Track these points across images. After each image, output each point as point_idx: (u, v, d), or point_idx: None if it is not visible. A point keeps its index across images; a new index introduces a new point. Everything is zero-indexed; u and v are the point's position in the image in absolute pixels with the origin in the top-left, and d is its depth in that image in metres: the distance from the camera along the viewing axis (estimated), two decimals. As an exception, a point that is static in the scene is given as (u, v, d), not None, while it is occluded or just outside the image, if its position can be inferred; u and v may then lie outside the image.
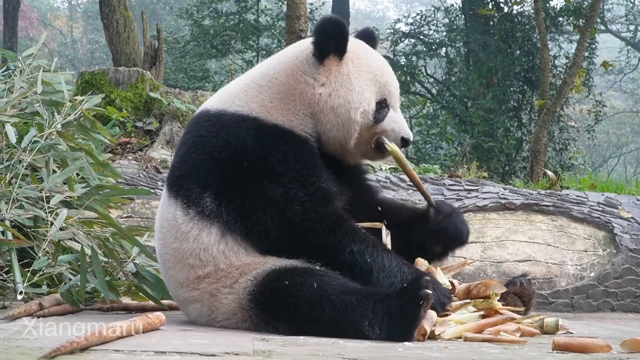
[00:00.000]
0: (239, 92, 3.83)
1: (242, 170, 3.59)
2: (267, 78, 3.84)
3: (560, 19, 21.15)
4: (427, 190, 4.06)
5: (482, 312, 3.63)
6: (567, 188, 7.85)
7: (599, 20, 23.06)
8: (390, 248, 3.66)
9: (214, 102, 3.90)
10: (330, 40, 3.76)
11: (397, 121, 3.87)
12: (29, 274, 4.06)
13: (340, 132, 3.76)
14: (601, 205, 6.34)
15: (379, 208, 4.01)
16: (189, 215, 3.64)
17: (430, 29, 25.19)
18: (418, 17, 25.35)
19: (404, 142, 3.88)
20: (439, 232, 3.90)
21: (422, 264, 3.81)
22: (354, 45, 3.90)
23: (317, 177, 3.64)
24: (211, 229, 3.59)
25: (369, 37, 4.08)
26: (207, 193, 3.61)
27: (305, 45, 3.88)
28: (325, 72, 3.78)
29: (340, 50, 3.79)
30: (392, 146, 3.83)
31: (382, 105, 3.85)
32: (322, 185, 3.62)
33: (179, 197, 3.69)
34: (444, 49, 25.00)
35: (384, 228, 3.78)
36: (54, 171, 4.49)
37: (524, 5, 20.98)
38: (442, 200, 4.06)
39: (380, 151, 3.88)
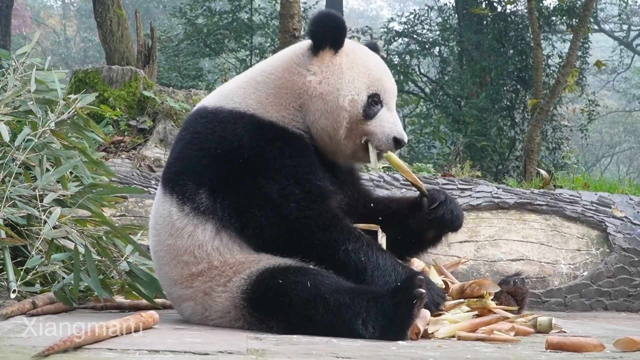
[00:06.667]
0: (237, 89, 3.83)
1: (238, 166, 3.59)
2: (264, 74, 3.85)
3: (554, 18, 21.17)
4: (419, 179, 4.04)
5: (475, 312, 3.64)
6: (560, 187, 7.86)
7: (592, 20, 23.10)
8: (385, 249, 3.65)
9: (211, 99, 3.89)
10: (327, 32, 3.77)
11: (389, 121, 3.82)
12: (22, 273, 4.05)
13: (329, 121, 3.73)
14: (594, 205, 6.35)
15: (372, 205, 4.01)
16: (184, 211, 3.63)
17: (423, 28, 25.21)
18: (411, 16, 25.38)
19: (396, 143, 3.82)
20: (434, 220, 3.87)
21: (417, 264, 3.81)
22: (352, 43, 3.92)
23: (313, 174, 3.63)
24: (206, 225, 3.59)
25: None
26: (203, 189, 3.60)
27: (305, 44, 3.89)
28: (318, 62, 3.78)
29: (336, 43, 3.80)
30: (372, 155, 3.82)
31: (375, 101, 3.81)
32: (317, 183, 3.61)
33: (174, 194, 3.68)
34: (437, 48, 25.02)
35: (379, 230, 3.77)
36: (48, 170, 4.47)
37: (517, 4, 21.01)
38: (434, 188, 4.04)
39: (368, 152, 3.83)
